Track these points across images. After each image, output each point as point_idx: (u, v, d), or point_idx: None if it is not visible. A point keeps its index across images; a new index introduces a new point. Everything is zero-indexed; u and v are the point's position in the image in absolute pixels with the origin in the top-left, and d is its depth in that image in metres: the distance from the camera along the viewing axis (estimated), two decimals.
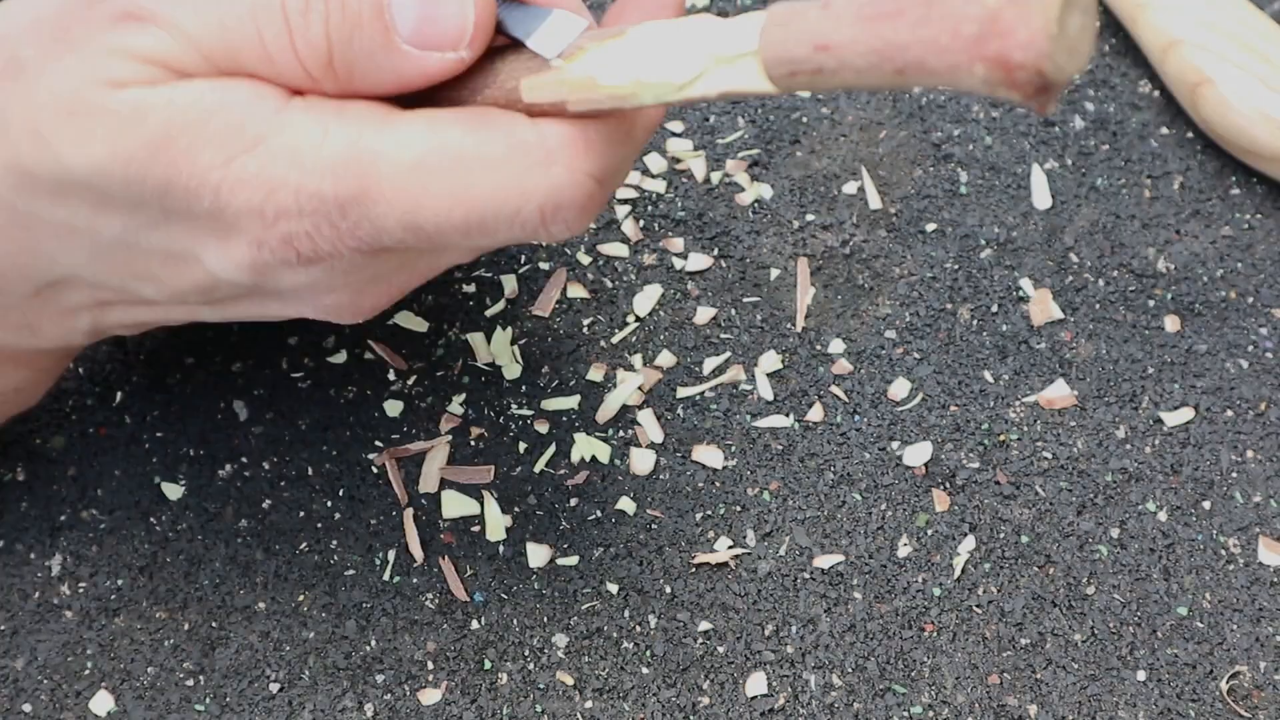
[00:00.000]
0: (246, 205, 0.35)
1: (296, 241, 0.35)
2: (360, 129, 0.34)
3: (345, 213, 0.35)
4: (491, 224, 0.35)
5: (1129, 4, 0.52)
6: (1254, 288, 0.49)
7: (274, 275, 0.36)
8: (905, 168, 0.51)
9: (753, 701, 0.43)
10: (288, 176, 0.34)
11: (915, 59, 0.30)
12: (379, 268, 0.38)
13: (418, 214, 0.34)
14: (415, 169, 0.34)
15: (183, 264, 0.37)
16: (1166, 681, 0.43)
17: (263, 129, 0.35)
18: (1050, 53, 0.28)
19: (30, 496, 0.46)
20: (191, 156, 0.34)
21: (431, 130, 0.34)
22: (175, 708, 0.43)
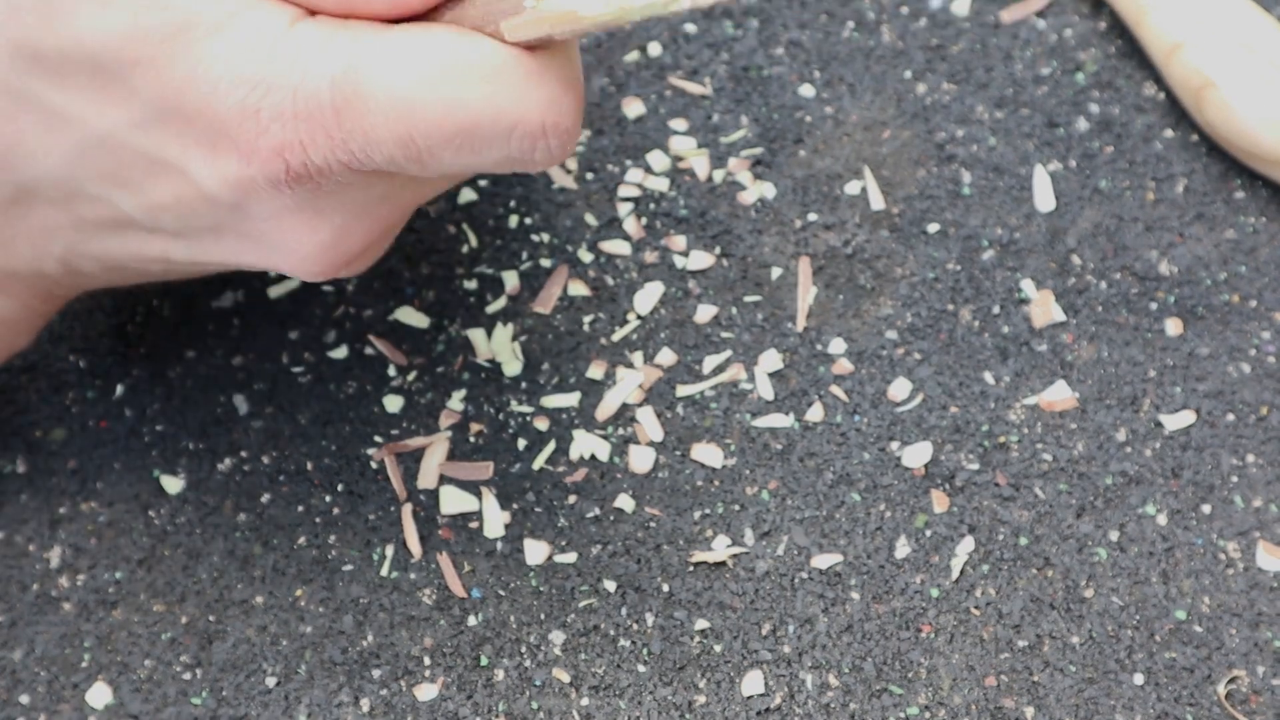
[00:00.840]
0: (241, 105, 0.35)
1: (288, 151, 0.35)
2: (360, 39, 0.34)
3: (340, 119, 0.34)
4: (486, 137, 0.34)
5: (1133, 6, 0.52)
6: (1257, 291, 0.49)
7: (258, 196, 0.36)
8: (908, 168, 0.51)
9: (749, 701, 0.43)
10: (287, 77, 0.34)
11: None
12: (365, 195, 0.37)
13: (411, 124, 0.34)
14: (411, 75, 0.34)
15: (167, 173, 0.37)
16: (1164, 685, 0.43)
17: (275, 30, 0.34)
18: None
19: (30, 488, 0.46)
20: (200, 45, 0.34)
21: (428, 38, 0.34)
22: (172, 700, 0.43)
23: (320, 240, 0.37)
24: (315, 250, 0.37)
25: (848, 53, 0.53)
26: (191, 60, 0.35)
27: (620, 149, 0.51)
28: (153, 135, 0.36)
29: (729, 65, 0.53)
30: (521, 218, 0.50)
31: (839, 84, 0.53)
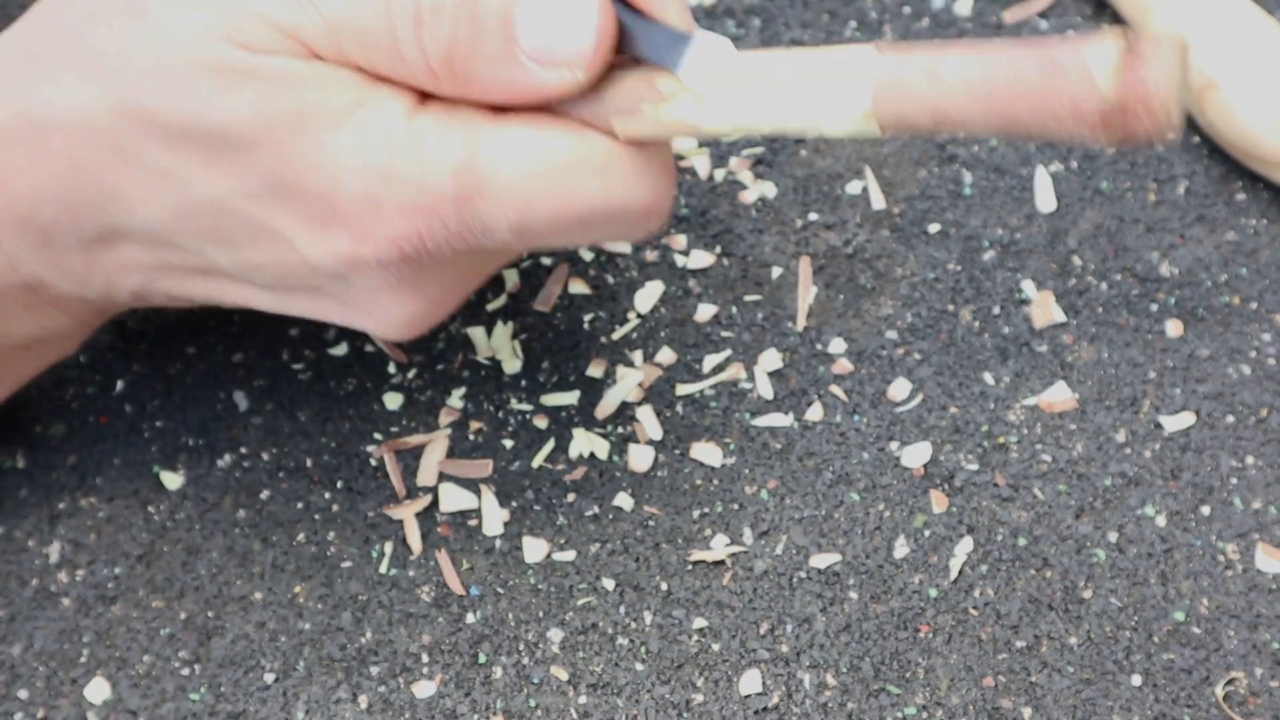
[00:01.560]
0: (364, 196, 0.35)
1: (404, 240, 0.36)
2: (477, 131, 0.35)
3: (460, 212, 0.35)
4: (595, 223, 0.36)
5: (1136, 7, 0.52)
6: (1257, 293, 0.49)
7: (364, 270, 0.37)
8: (909, 168, 0.51)
9: (746, 700, 0.43)
10: (410, 171, 0.35)
11: (1035, 130, 0.31)
12: (461, 271, 0.38)
13: (529, 213, 0.36)
14: (530, 169, 0.35)
15: (271, 240, 0.37)
16: (1162, 687, 0.43)
17: (396, 124, 0.35)
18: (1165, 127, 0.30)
19: (30, 484, 0.46)
20: (326, 134, 0.35)
21: (541, 134, 0.35)
22: (170, 696, 0.43)
23: (414, 311, 0.38)
24: (406, 320, 0.39)
25: None
26: (314, 147, 0.35)
27: None
28: (264, 207, 0.36)
29: None
30: None
31: None
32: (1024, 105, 0.31)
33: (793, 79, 0.34)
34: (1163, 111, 0.30)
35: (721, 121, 0.35)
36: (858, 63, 0.33)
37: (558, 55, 0.35)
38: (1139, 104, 0.30)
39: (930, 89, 0.32)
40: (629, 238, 0.38)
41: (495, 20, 0.35)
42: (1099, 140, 0.31)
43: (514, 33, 0.35)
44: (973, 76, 0.31)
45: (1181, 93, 0.30)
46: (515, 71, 0.35)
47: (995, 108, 0.31)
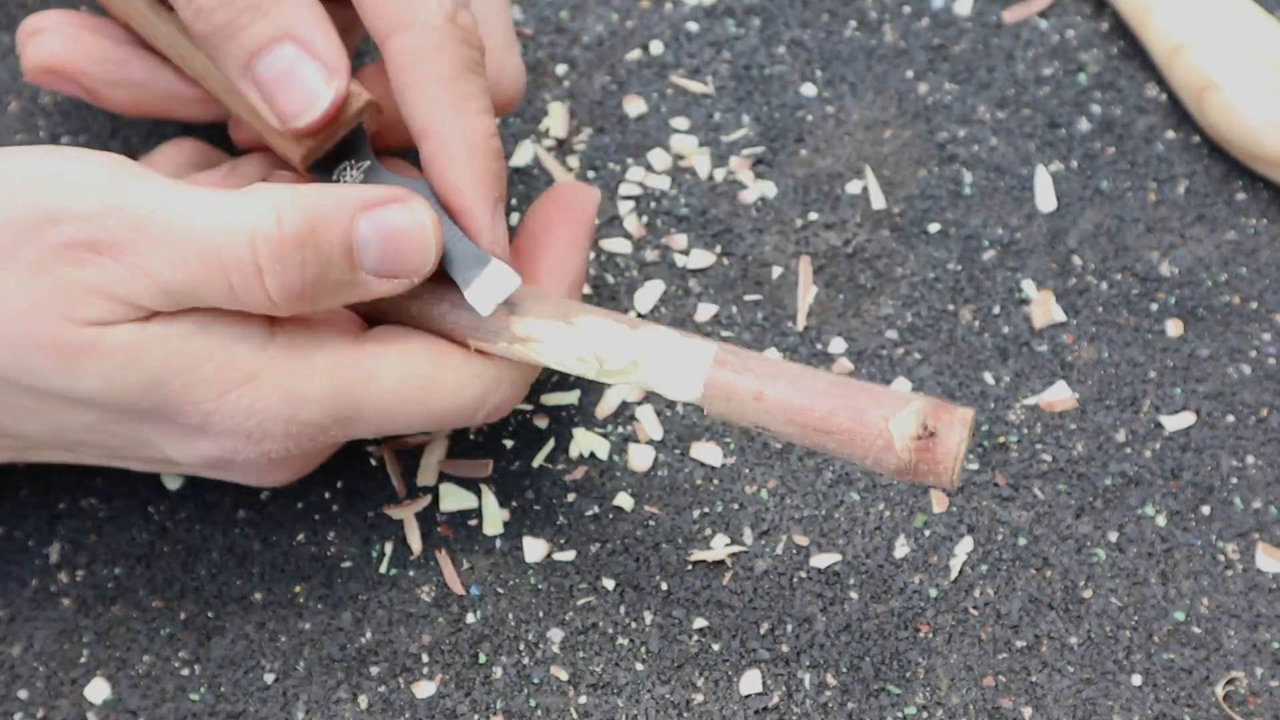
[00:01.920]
0: (235, 429, 0.38)
1: (273, 454, 0.39)
2: (342, 360, 0.38)
3: (326, 432, 0.39)
4: (445, 424, 0.40)
5: (1137, 7, 0.52)
6: (1258, 293, 0.49)
7: (232, 469, 0.41)
8: (909, 168, 0.51)
9: (746, 700, 0.43)
10: (280, 410, 0.38)
11: (839, 458, 0.38)
12: (331, 444, 0.42)
13: (391, 425, 0.39)
14: (392, 394, 0.39)
15: (143, 445, 0.40)
16: (1162, 686, 0.43)
17: (253, 365, 0.37)
18: (953, 484, 0.36)
19: (30, 484, 0.46)
20: (187, 391, 0.37)
21: (404, 359, 0.39)
22: (170, 696, 0.43)
23: (288, 477, 0.43)
24: (281, 481, 0.43)
25: (849, 52, 0.53)
26: (175, 403, 0.37)
27: (621, 147, 0.51)
28: (134, 428, 0.39)
29: (731, 64, 0.53)
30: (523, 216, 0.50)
31: (840, 83, 0.53)
32: (833, 444, 0.36)
33: (635, 346, 0.38)
34: (946, 475, 0.36)
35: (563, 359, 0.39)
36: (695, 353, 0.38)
37: (401, 271, 0.38)
38: (928, 469, 0.36)
39: (755, 407, 0.37)
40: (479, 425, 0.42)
41: (339, 251, 0.37)
42: None
43: (357, 257, 0.37)
44: (792, 409, 0.37)
45: (964, 454, 0.36)
46: (359, 290, 0.38)
47: (808, 438, 0.37)
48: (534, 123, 0.52)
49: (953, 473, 0.36)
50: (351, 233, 0.37)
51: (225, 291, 0.36)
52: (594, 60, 0.53)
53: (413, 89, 0.39)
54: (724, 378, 0.37)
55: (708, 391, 0.38)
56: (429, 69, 0.39)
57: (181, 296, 0.36)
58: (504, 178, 0.40)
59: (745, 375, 0.37)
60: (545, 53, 0.53)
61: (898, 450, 0.36)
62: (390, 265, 0.38)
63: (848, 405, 0.36)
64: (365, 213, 0.37)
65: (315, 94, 0.39)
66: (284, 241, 0.36)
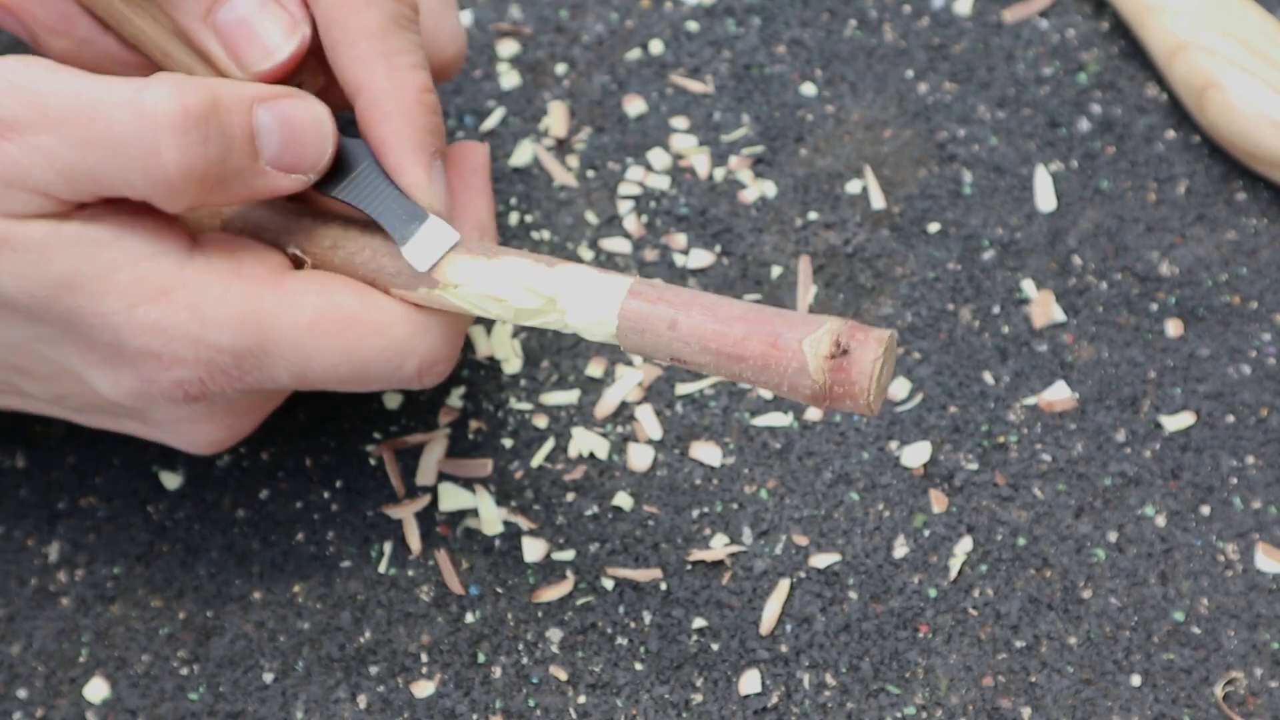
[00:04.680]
0: (145, 348, 0.37)
1: (187, 385, 0.38)
2: (259, 288, 0.38)
3: (240, 364, 0.38)
4: (371, 378, 0.39)
5: (1137, 7, 0.52)
6: (1258, 293, 0.49)
7: (157, 406, 0.39)
8: (909, 167, 0.51)
9: (746, 700, 0.43)
10: (188, 329, 0.37)
11: (757, 385, 0.36)
12: (256, 403, 0.41)
13: (307, 367, 0.38)
14: (309, 328, 0.38)
15: (69, 376, 0.39)
16: (1161, 687, 0.43)
17: (168, 281, 0.37)
18: (871, 406, 0.35)
19: (29, 483, 0.46)
20: (97, 300, 0.37)
21: (325, 293, 0.38)
22: (170, 696, 0.43)
23: (214, 436, 0.41)
24: (207, 442, 0.41)
25: (849, 51, 0.53)
26: (89, 311, 0.37)
27: (621, 147, 0.51)
28: (57, 349, 0.39)
29: (730, 63, 0.53)
30: (522, 215, 0.50)
31: (840, 83, 0.52)
32: (748, 371, 0.36)
33: (552, 283, 0.38)
34: (862, 396, 0.35)
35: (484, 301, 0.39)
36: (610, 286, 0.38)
37: (299, 164, 0.38)
38: (843, 391, 0.35)
39: (669, 336, 0.36)
40: (415, 388, 0.40)
41: (241, 131, 0.37)
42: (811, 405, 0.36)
43: (258, 144, 0.37)
44: (707, 335, 0.36)
45: (885, 379, 0.35)
46: (258, 179, 0.38)
47: (723, 366, 0.36)
48: (533, 122, 0.52)
49: (869, 394, 0.35)
50: (252, 118, 0.37)
51: (125, 171, 0.36)
52: (594, 60, 0.53)
53: (342, 45, 0.39)
54: (637, 308, 0.37)
55: (621, 324, 0.37)
56: (357, 24, 0.39)
57: (83, 180, 0.36)
58: (442, 133, 0.40)
59: (659, 305, 0.37)
60: (545, 52, 0.53)
61: (811, 372, 0.35)
62: (290, 155, 0.38)
63: (762, 330, 0.36)
64: (264, 103, 0.38)
65: (276, 41, 0.39)
66: (186, 115, 0.36)
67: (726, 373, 0.36)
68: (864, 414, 0.36)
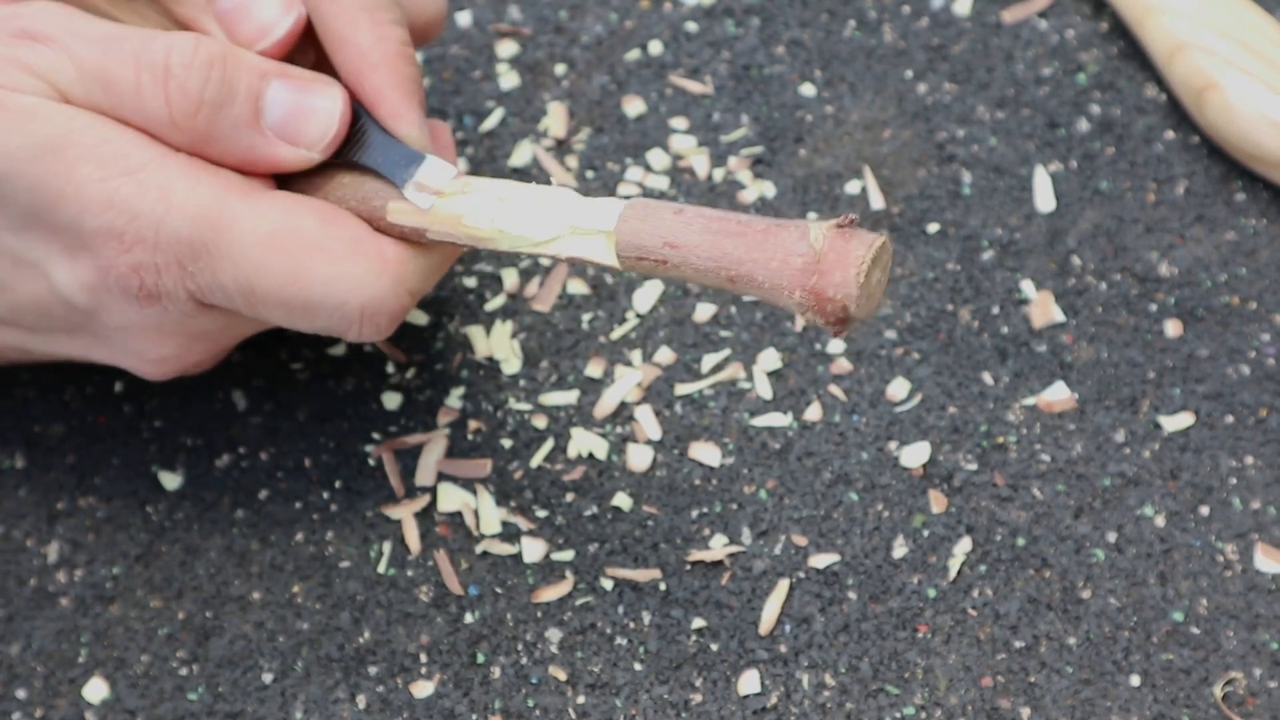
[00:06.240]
0: (108, 226, 0.38)
1: (143, 272, 0.38)
2: (228, 191, 0.38)
3: (195, 257, 0.38)
4: (314, 309, 0.39)
5: (1136, 7, 0.52)
6: (1257, 293, 0.49)
7: (111, 306, 0.39)
8: (908, 168, 0.51)
9: (745, 700, 0.43)
10: (154, 209, 0.38)
11: (746, 272, 0.36)
12: (207, 324, 0.41)
13: (254, 279, 0.38)
14: (265, 239, 0.38)
15: (29, 274, 0.40)
16: (1161, 687, 0.43)
17: (144, 160, 0.38)
18: (856, 295, 0.35)
19: (28, 484, 0.46)
20: (73, 168, 0.38)
21: (288, 211, 0.38)
22: (169, 696, 0.43)
23: (163, 354, 0.41)
24: (157, 360, 0.41)
25: (849, 52, 0.53)
26: (63, 178, 0.38)
27: (620, 147, 0.51)
28: (20, 237, 0.39)
29: (730, 64, 0.53)
30: None
31: (840, 83, 0.52)
32: (743, 244, 0.36)
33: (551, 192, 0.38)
34: (855, 269, 0.35)
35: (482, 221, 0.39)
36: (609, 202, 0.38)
37: (299, 135, 0.39)
38: (836, 259, 0.35)
39: (672, 221, 0.37)
40: (347, 335, 0.40)
41: (246, 90, 0.38)
42: (795, 299, 0.35)
43: (261, 105, 0.39)
44: (710, 217, 0.37)
45: (874, 280, 0.35)
46: (256, 140, 0.39)
47: (720, 247, 0.36)
48: (533, 123, 0.52)
49: (861, 273, 0.35)
50: (263, 85, 0.39)
51: (132, 87, 0.38)
52: (593, 60, 0.53)
53: (326, 4, 0.40)
54: (643, 201, 0.38)
55: (626, 211, 0.37)
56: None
57: (93, 82, 0.38)
58: (422, 86, 0.41)
59: (664, 201, 0.38)
60: (544, 53, 0.53)
61: (811, 238, 0.35)
62: (292, 128, 0.39)
63: (766, 219, 0.36)
64: (284, 79, 0.39)
65: (272, 20, 0.40)
66: (196, 53, 0.38)
67: (718, 253, 0.36)
68: (849, 301, 0.35)
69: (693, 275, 0.37)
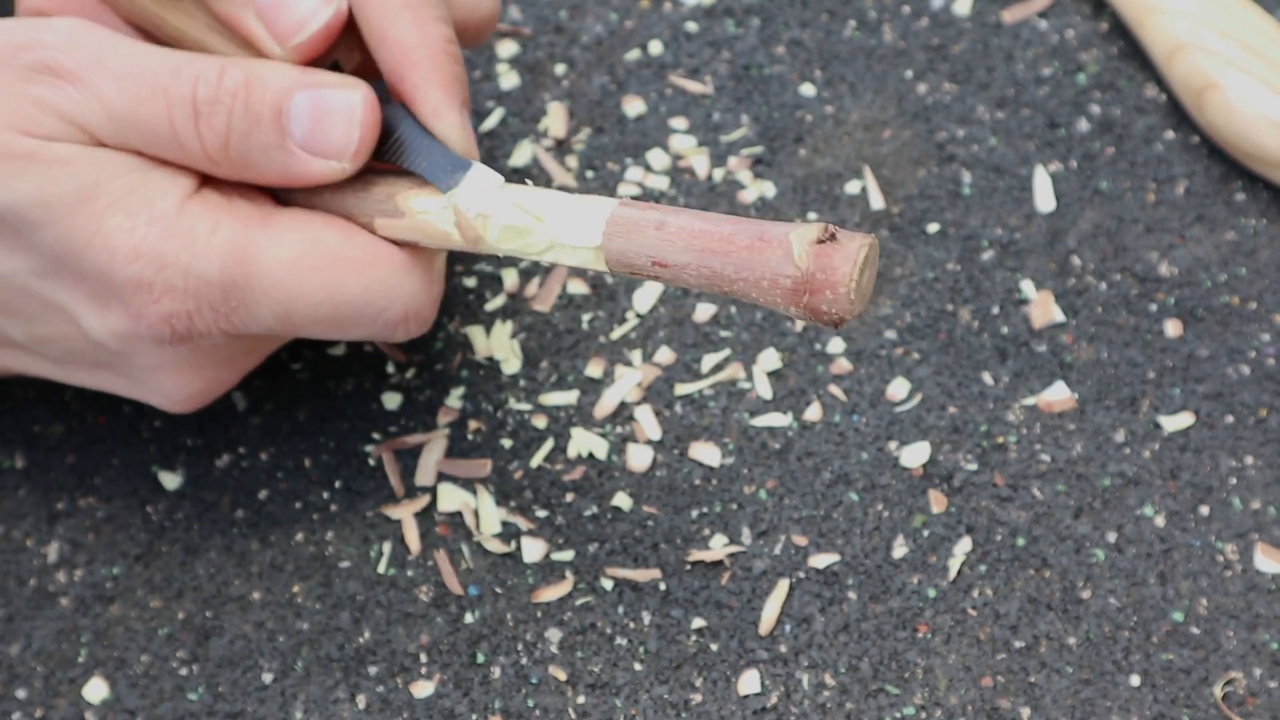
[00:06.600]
0: (137, 277, 0.38)
1: (175, 320, 0.39)
2: (247, 224, 0.39)
3: (227, 298, 0.38)
4: (355, 320, 0.39)
5: (1136, 7, 0.52)
6: (1256, 293, 0.49)
7: (141, 349, 0.40)
8: (908, 168, 0.51)
9: (745, 700, 0.43)
10: (179, 256, 0.38)
11: (740, 290, 0.36)
12: (236, 350, 0.41)
13: (291, 305, 0.39)
14: (294, 264, 0.38)
15: (58, 317, 0.40)
16: (1161, 687, 0.43)
17: (169, 209, 0.38)
18: (849, 307, 0.35)
19: (28, 484, 0.46)
20: (101, 217, 0.38)
21: (309, 231, 0.39)
22: (169, 696, 0.43)
23: (193, 390, 0.42)
24: (186, 396, 0.42)
25: (849, 52, 0.53)
26: (91, 229, 0.38)
27: (620, 147, 0.51)
28: (48, 283, 0.39)
29: (730, 64, 0.53)
30: None
31: (840, 83, 0.53)
32: (730, 264, 0.36)
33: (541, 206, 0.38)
34: (846, 285, 0.35)
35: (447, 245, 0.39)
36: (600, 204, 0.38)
37: (325, 147, 0.39)
38: (824, 279, 0.35)
39: (655, 236, 0.37)
40: (391, 338, 0.41)
41: (269, 113, 0.38)
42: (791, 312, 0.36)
43: (286, 125, 0.39)
44: (693, 231, 0.36)
45: (865, 281, 0.35)
46: (287, 159, 0.39)
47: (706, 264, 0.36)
48: (533, 123, 0.52)
49: (852, 283, 0.35)
50: (286, 99, 0.38)
51: (166, 127, 0.38)
52: (593, 60, 0.53)
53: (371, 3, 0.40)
54: (626, 214, 0.37)
55: (609, 228, 0.37)
56: None
57: (127, 127, 0.38)
58: (466, 84, 0.41)
59: (648, 211, 0.37)
60: (544, 53, 0.53)
61: (795, 258, 0.35)
62: (318, 139, 0.39)
63: (750, 227, 0.36)
64: (307, 89, 0.39)
65: (310, 11, 0.40)
66: (221, 85, 0.38)
67: (708, 272, 0.36)
68: (844, 313, 0.35)
69: (688, 286, 0.37)
